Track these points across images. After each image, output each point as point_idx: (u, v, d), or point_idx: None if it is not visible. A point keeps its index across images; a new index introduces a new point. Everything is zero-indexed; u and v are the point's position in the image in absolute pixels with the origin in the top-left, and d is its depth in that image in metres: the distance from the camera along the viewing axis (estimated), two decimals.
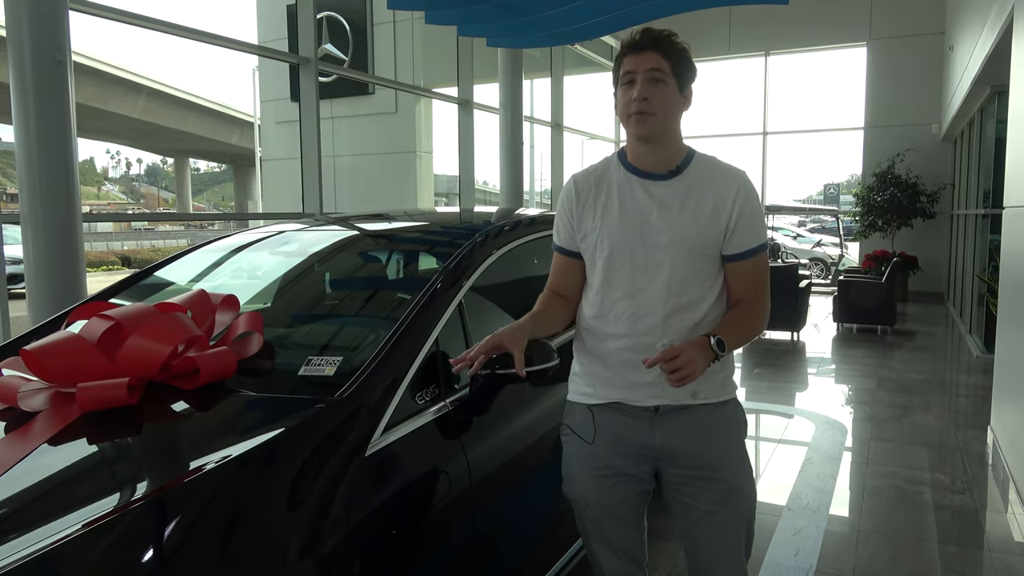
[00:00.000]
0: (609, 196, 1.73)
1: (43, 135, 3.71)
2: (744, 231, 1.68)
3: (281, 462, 1.49)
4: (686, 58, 1.67)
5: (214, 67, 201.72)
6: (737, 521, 1.75)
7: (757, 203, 1.72)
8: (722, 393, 1.76)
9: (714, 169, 1.72)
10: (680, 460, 1.73)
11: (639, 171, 1.71)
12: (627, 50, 1.66)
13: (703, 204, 1.67)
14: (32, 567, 1.15)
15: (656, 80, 1.63)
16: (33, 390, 1.69)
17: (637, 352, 1.67)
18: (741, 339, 1.70)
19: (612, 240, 1.70)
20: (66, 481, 1.50)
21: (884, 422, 4.95)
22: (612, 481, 1.76)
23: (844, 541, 3.17)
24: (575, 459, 1.82)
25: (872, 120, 11.84)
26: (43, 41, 3.68)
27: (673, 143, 1.71)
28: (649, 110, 1.63)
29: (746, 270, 1.71)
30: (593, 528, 1.81)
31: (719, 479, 1.72)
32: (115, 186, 73.53)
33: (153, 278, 2.75)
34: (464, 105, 8.64)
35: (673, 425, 1.72)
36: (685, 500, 1.75)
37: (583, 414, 1.79)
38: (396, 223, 3.16)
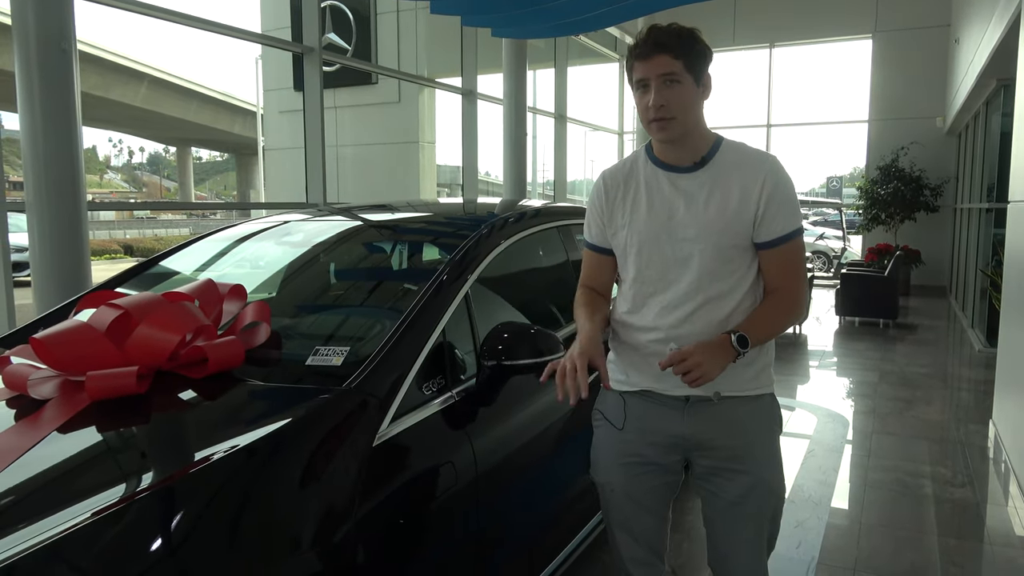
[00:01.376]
0: (637, 192, 1.72)
1: (48, 123, 3.71)
2: (773, 218, 1.64)
3: (290, 451, 1.49)
4: (697, 49, 1.63)
5: (217, 56, 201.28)
6: (760, 515, 1.75)
7: (788, 188, 1.67)
8: (754, 387, 1.73)
9: (742, 156, 1.69)
10: (708, 451, 1.73)
11: (665, 164, 1.70)
12: (636, 56, 1.63)
13: (729, 194, 1.64)
14: (42, 555, 1.16)
15: (670, 83, 1.60)
16: (43, 378, 1.70)
17: (666, 344, 1.68)
18: (769, 332, 1.67)
19: (641, 236, 1.70)
20: (76, 469, 1.50)
21: (886, 415, 4.96)
22: (639, 469, 1.77)
23: (846, 534, 3.18)
24: (604, 445, 1.83)
25: (877, 113, 11.80)
26: (48, 29, 3.67)
27: (697, 135, 1.68)
28: (667, 115, 1.61)
29: (777, 258, 1.68)
30: (616, 515, 1.82)
31: (746, 472, 1.72)
32: (117, 175, 73.48)
33: (159, 267, 2.75)
34: (468, 95, 8.62)
35: (703, 416, 1.71)
36: (711, 489, 1.77)
37: (615, 400, 1.80)
38: (401, 214, 3.16)
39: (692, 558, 2.93)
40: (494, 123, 8.90)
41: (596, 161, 14.72)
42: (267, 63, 14.64)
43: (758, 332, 1.63)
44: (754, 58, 12.63)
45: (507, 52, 8.15)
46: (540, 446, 2.21)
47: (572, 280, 2.77)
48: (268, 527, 1.39)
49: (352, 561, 1.49)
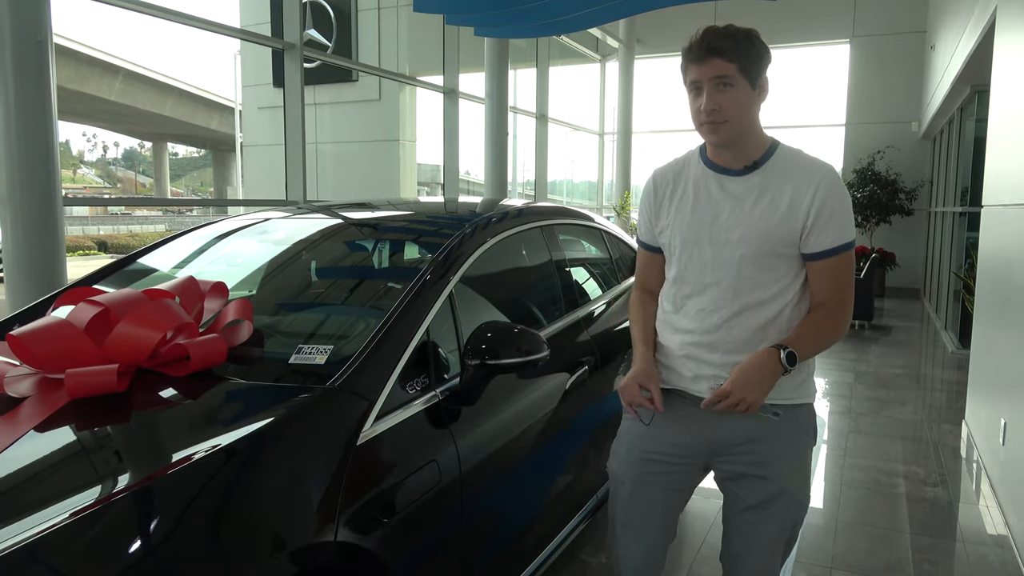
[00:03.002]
0: (685, 191, 1.71)
1: (23, 116, 3.65)
2: (823, 229, 1.60)
3: (274, 450, 1.48)
4: (754, 52, 1.59)
5: (195, 51, 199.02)
6: (780, 523, 1.72)
7: (842, 200, 1.62)
8: (796, 396, 1.70)
9: (796, 163, 1.65)
10: (736, 456, 1.72)
11: (716, 166, 1.69)
12: (689, 59, 1.61)
13: (779, 200, 1.61)
14: (20, 556, 1.13)
15: (723, 86, 1.57)
16: (20, 375, 1.67)
17: (702, 348, 1.68)
18: (816, 348, 1.64)
19: (683, 235, 1.69)
20: (54, 469, 1.48)
21: (862, 415, 5.02)
22: (656, 468, 1.77)
23: (823, 532, 3.22)
24: (627, 437, 1.83)
25: (853, 117, 11.96)
26: (23, 21, 3.61)
27: (752, 139, 1.65)
28: (719, 119, 1.59)
29: (825, 270, 1.63)
30: (622, 510, 1.81)
31: (771, 479, 1.69)
32: (91, 169, 72.41)
33: (137, 264, 2.72)
34: (450, 94, 8.60)
35: (735, 421, 1.68)
36: (735, 490, 1.76)
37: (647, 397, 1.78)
38: (384, 212, 3.15)
39: (671, 557, 2.95)
40: (475, 122, 8.89)
41: (576, 162, 14.76)
42: (246, 59, 14.52)
43: (806, 348, 1.59)
44: None
45: (489, 51, 8.15)
46: (523, 445, 2.21)
47: (555, 279, 2.79)
48: (251, 527, 1.38)
49: (336, 560, 1.48)
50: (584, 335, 2.63)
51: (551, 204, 3.44)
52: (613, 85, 13.52)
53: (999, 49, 4.20)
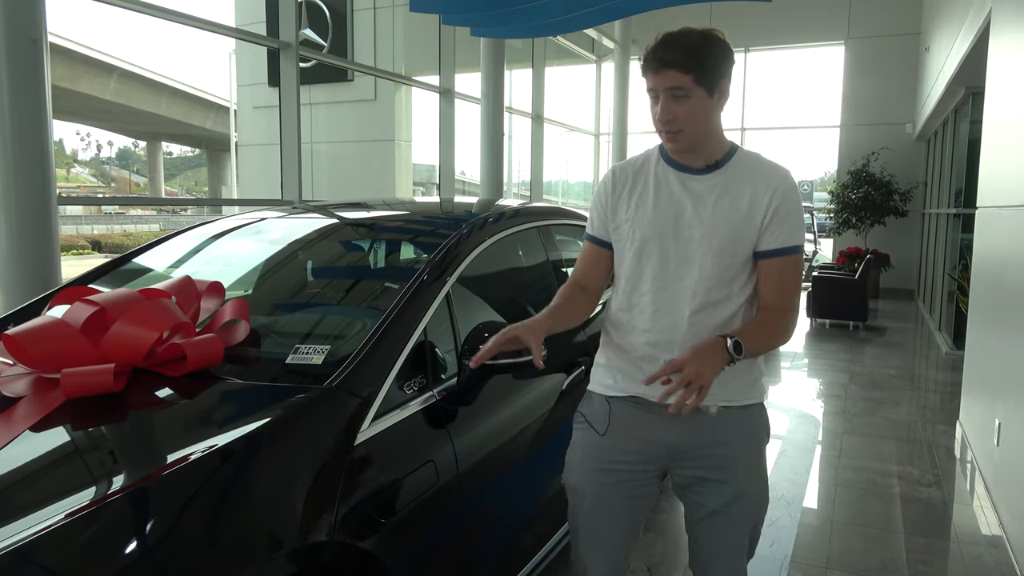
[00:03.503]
0: (645, 187, 1.70)
1: (17, 115, 3.63)
2: (777, 227, 1.62)
3: (271, 450, 1.48)
4: (711, 61, 1.56)
5: (189, 50, 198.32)
6: (743, 524, 1.73)
7: (797, 203, 1.65)
8: (747, 397, 1.71)
9: (755, 166, 1.67)
10: (692, 460, 1.71)
11: (678, 164, 1.68)
12: (644, 68, 1.60)
13: (739, 200, 1.63)
14: (15, 557, 1.13)
15: (678, 97, 1.56)
16: (15, 375, 1.66)
17: (658, 348, 1.66)
18: (762, 346, 1.63)
19: (644, 232, 1.67)
20: (50, 469, 1.48)
21: (856, 416, 5.04)
22: (614, 477, 1.74)
23: (818, 532, 3.23)
24: (581, 448, 1.78)
25: (848, 118, 12.00)
26: (18, 19, 3.59)
27: (711, 142, 1.65)
28: (675, 128, 1.59)
29: (774, 270, 1.65)
30: (585, 524, 1.77)
31: (730, 482, 1.69)
32: (85, 168, 72.14)
33: (132, 264, 2.71)
34: (445, 94, 8.60)
35: (691, 424, 1.67)
36: (694, 498, 1.75)
37: (600, 404, 1.76)
38: (380, 212, 3.15)
39: (667, 558, 2.96)
40: (471, 123, 8.88)
41: (572, 162, 14.77)
42: (241, 58, 14.48)
43: (752, 341, 1.58)
44: None
45: (485, 52, 8.14)
46: (520, 446, 2.21)
47: (552, 279, 2.79)
48: (249, 527, 1.38)
49: (333, 561, 1.48)
50: (580, 335, 2.63)
51: (547, 204, 3.44)
52: (609, 86, 13.53)
53: (994, 51, 4.22)
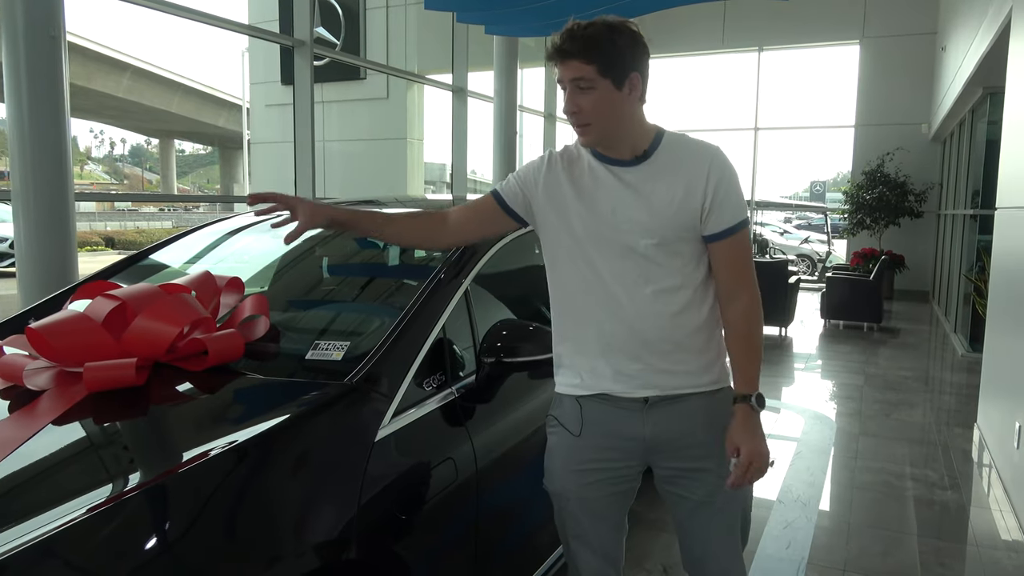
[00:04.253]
0: (582, 179, 1.65)
1: (36, 112, 3.65)
2: (721, 209, 1.59)
3: (293, 445, 1.48)
4: (616, 52, 1.51)
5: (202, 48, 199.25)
6: (732, 511, 1.73)
7: (733, 178, 1.61)
8: (709, 381, 1.69)
9: (685, 148, 1.62)
10: (671, 452, 1.69)
11: (606, 158, 1.64)
12: (550, 58, 1.57)
13: (675, 186, 1.58)
14: (36, 552, 1.12)
15: (582, 89, 1.52)
16: (38, 369, 1.67)
17: (617, 343, 1.63)
18: (758, 359, 1.65)
19: (584, 226, 1.62)
20: (74, 463, 1.48)
21: (871, 418, 5.00)
22: (595, 476, 1.71)
23: (835, 534, 3.20)
24: (559, 452, 1.75)
25: (863, 118, 11.91)
26: (37, 16, 3.61)
27: (632, 134, 1.60)
28: (582, 121, 1.55)
29: (727, 250, 1.63)
30: (572, 525, 1.75)
31: (712, 470, 1.68)
32: (98, 166, 72.61)
33: (149, 260, 2.72)
34: (458, 93, 8.59)
35: (663, 415, 1.66)
36: (678, 492, 1.72)
37: (571, 405, 1.72)
38: (394, 210, 3.14)
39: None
40: (483, 121, 8.88)
41: None
42: (254, 56, 14.54)
43: (752, 371, 1.63)
44: (743, 61, 12.71)
45: (498, 50, 8.14)
46: (537, 444, 2.19)
47: None
48: (271, 522, 1.37)
49: (355, 556, 1.47)
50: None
51: None
52: None
53: (1015, 51, 4.17)
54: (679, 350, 1.64)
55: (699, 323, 1.65)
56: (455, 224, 1.78)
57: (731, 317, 1.66)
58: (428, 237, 1.81)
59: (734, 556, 1.77)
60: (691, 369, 1.65)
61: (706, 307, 1.66)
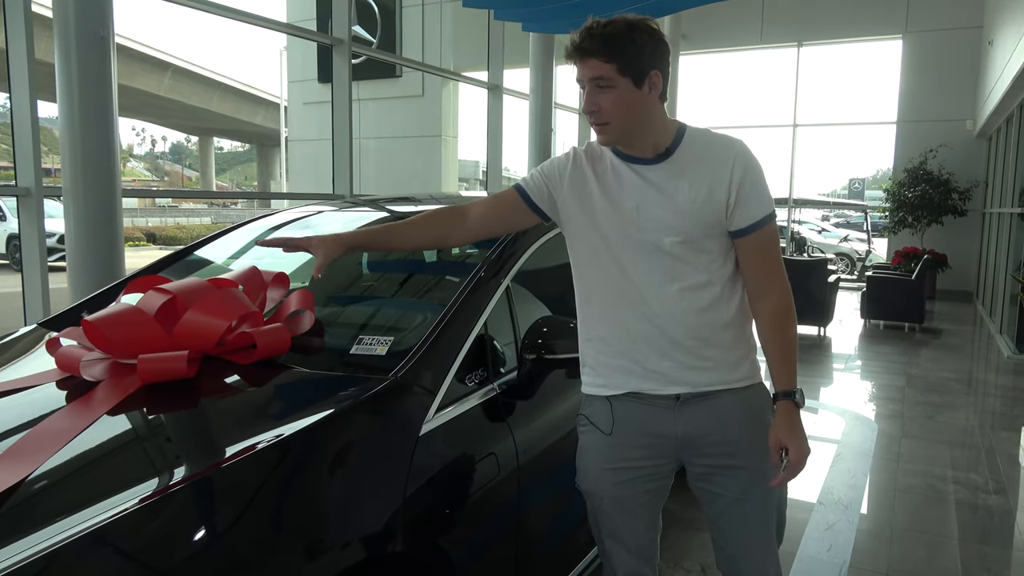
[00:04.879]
0: (605, 177, 1.64)
1: (86, 110, 3.75)
2: (746, 203, 1.57)
3: (340, 438, 1.50)
4: (635, 50, 1.49)
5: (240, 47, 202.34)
6: (767, 509, 1.71)
7: (758, 171, 1.59)
8: (740, 378, 1.67)
9: (708, 144, 1.60)
10: (704, 449, 1.68)
11: (628, 156, 1.62)
12: (569, 57, 1.56)
13: (699, 183, 1.57)
14: (90, 541, 1.15)
15: (601, 87, 1.51)
16: (94, 360, 1.71)
17: (644, 341, 1.62)
18: (793, 354, 1.65)
19: (609, 224, 1.61)
20: (128, 452, 1.52)
21: (914, 420, 4.90)
22: (628, 475, 1.70)
23: (877, 537, 3.15)
24: (591, 451, 1.74)
25: (905, 115, 11.66)
26: (87, 16, 3.70)
27: (654, 130, 1.58)
28: (601, 120, 1.54)
29: (754, 245, 1.60)
30: (606, 524, 1.75)
31: (746, 467, 1.66)
32: (140, 163, 74.13)
33: (194, 256, 2.77)
34: (494, 90, 8.61)
35: (695, 412, 1.65)
36: (711, 489, 1.71)
37: (601, 405, 1.71)
38: (432, 206, 3.16)
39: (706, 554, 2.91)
40: (517, 118, 8.89)
41: None
42: (292, 55, 14.72)
43: (790, 369, 1.63)
44: (781, 57, 12.52)
45: (534, 47, 8.13)
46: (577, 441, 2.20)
47: None
48: (319, 513, 1.39)
49: (399, 548, 1.49)
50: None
51: None
52: None
53: None
54: (707, 346, 1.63)
55: (727, 319, 1.64)
56: (476, 219, 1.77)
57: (763, 313, 1.64)
58: (448, 235, 1.81)
59: (770, 553, 1.75)
60: (721, 365, 1.64)
61: (734, 303, 1.65)
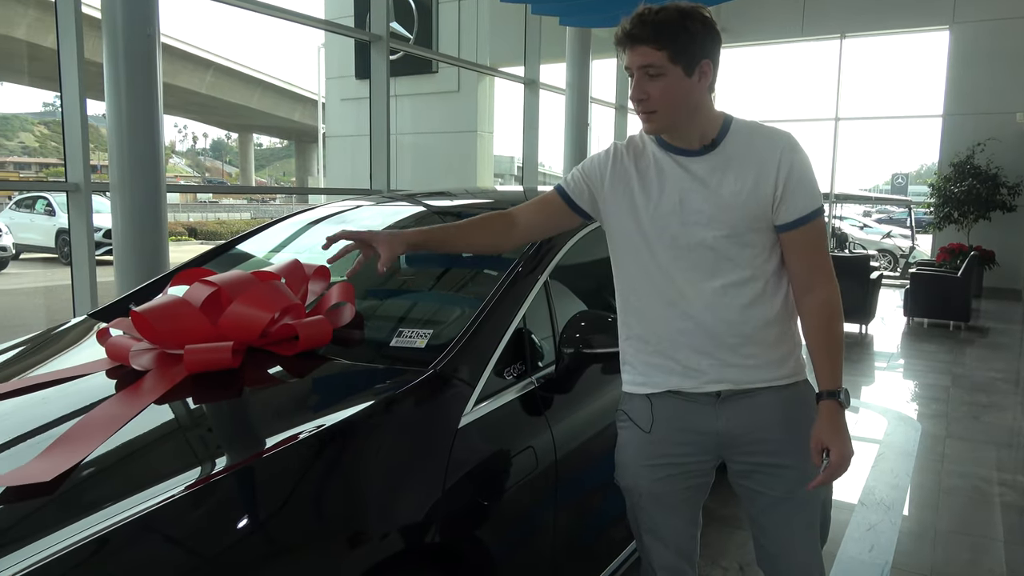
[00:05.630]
0: (647, 172, 1.62)
1: (133, 108, 3.84)
2: (793, 196, 1.53)
3: (380, 429, 1.52)
4: (687, 37, 1.48)
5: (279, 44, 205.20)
6: (811, 508, 1.68)
7: (806, 165, 1.56)
8: (785, 375, 1.64)
9: (755, 136, 1.57)
10: (746, 447, 1.65)
11: (673, 148, 1.60)
12: (619, 44, 1.52)
13: (744, 176, 1.54)
14: (138, 526, 1.18)
15: (651, 76, 1.49)
16: (142, 350, 1.76)
17: (686, 337, 1.60)
18: (839, 353, 1.59)
19: (650, 219, 1.59)
20: (174, 440, 1.56)
21: (959, 420, 4.79)
22: (667, 471, 1.69)
23: (920, 539, 3.09)
24: (630, 447, 1.73)
25: (952, 107, 11.35)
26: (135, 15, 3.79)
27: (700, 122, 1.56)
28: (649, 108, 1.51)
29: (801, 239, 1.56)
30: (645, 520, 1.74)
31: (791, 466, 1.63)
32: (182, 160, 75.65)
33: (236, 249, 2.82)
34: (530, 85, 8.60)
35: (737, 409, 1.63)
36: (753, 487, 1.68)
37: (641, 402, 1.70)
38: (468, 200, 3.17)
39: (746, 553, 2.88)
40: (553, 113, 8.87)
41: None
42: (330, 51, 14.84)
43: (835, 366, 1.57)
44: (824, 49, 12.28)
45: (571, 41, 8.10)
46: (615, 436, 2.19)
47: None
48: (357, 503, 1.41)
49: (437, 539, 1.50)
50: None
51: None
52: None
53: None
54: (750, 344, 1.60)
55: (771, 316, 1.60)
56: (524, 224, 1.77)
57: (808, 310, 1.61)
58: (498, 241, 1.80)
59: (814, 552, 1.72)
60: (764, 363, 1.61)
61: (778, 299, 1.62)
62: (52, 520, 1.23)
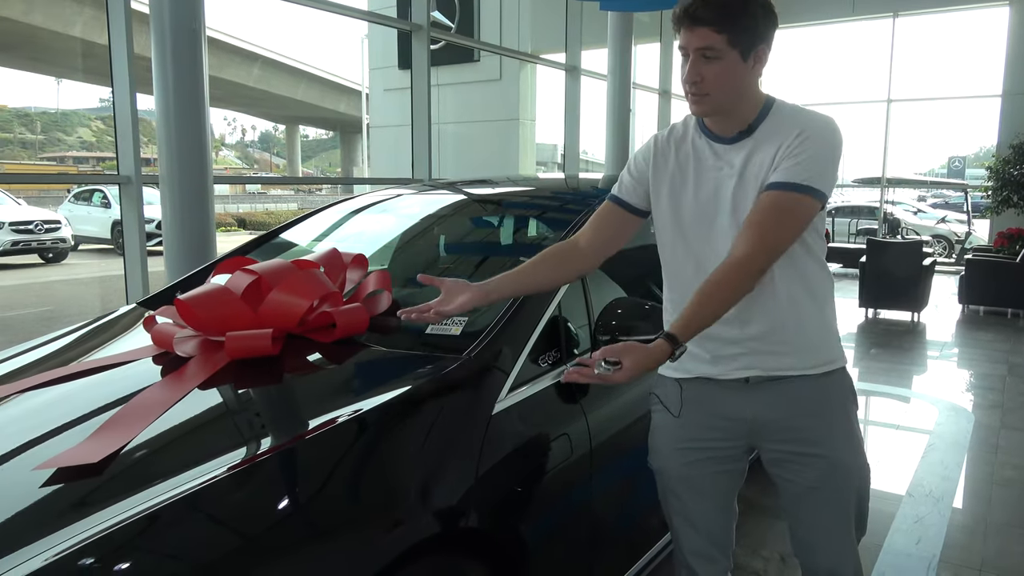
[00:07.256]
0: (687, 160, 1.61)
1: (180, 101, 3.93)
2: (789, 159, 1.47)
3: (415, 415, 1.54)
4: (748, 21, 1.45)
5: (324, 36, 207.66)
6: (844, 498, 1.65)
7: (823, 145, 1.48)
8: (820, 363, 1.61)
9: (788, 117, 1.53)
10: (777, 434, 1.63)
11: (712, 135, 1.59)
12: (676, 23, 1.51)
13: (766, 159, 1.51)
14: (183, 506, 1.22)
15: (708, 58, 1.46)
16: (186, 337, 1.81)
17: (720, 323, 1.52)
18: (711, 312, 1.45)
19: (686, 207, 1.59)
20: (216, 424, 1.60)
21: (1014, 411, 4.63)
22: (697, 455, 1.69)
23: (970, 532, 3.00)
24: (661, 430, 1.74)
25: (1012, 87, 10.89)
26: (180, 9, 3.87)
27: (744, 107, 1.54)
28: (701, 91, 1.49)
29: (769, 202, 1.47)
30: (675, 503, 1.74)
31: (822, 455, 1.61)
32: (231, 151, 77.23)
33: (279, 239, 2.88)
34: (572, 71, 8.54)
35: (767, 396, 1.61)
36: (784, 475, 1.66)
37: (672, 386, 1.71)
38: (508, 188, 3.18)
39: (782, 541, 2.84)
40: (594, 100, 8.79)
41: None
42: (373, 42, 14.96)
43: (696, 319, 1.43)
44: (875, 28, 11.91)
45: (612, 26, 8.01)
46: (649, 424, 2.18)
47: None
48: (393, 487, 1.43)
49: (472, 524, 1.52)
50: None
51: None
52: None
53: None
54: (780, 331, 1.58)
55: (801, 303, 1.58)
56: (589, 244, 1.74)
57: (723, 261, 1.49)
58: (571, 269, 1.75)
59: (846, 544, 1.68)
60: (794, 351, 1.58)
61: (810, 286, 1.60)
62: (101, 498, 1.28)
